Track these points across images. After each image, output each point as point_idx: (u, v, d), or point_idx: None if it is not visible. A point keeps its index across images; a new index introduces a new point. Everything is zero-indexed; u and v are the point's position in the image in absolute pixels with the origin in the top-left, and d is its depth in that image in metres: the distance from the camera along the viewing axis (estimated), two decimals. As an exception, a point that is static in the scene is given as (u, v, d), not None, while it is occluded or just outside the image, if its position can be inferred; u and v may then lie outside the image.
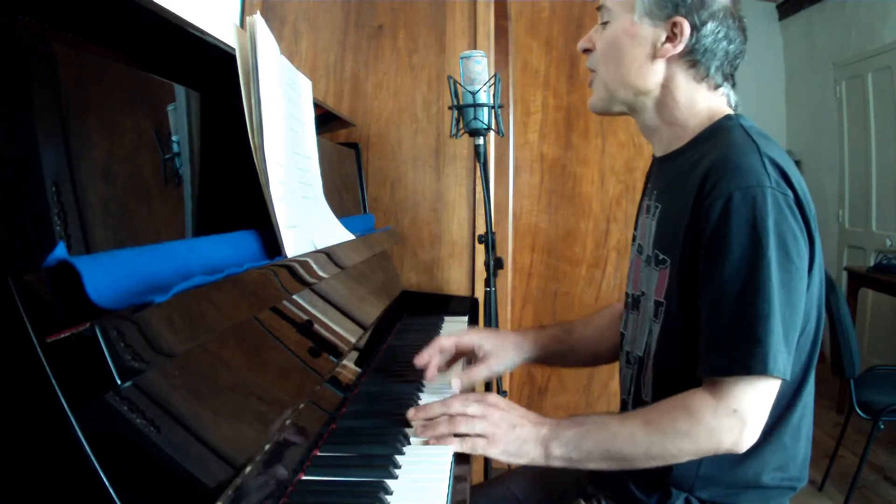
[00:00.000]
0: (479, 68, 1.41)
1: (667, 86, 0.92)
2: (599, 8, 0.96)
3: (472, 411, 0.84)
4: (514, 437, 0.84)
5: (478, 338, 1.08)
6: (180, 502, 0.51)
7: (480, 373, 1.04)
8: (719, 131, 0.89)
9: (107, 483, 0.42)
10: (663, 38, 0.90)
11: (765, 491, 0.89)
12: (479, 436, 0.83)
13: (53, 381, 0.42)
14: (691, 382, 0.83)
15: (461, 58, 1.42)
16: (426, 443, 0.83)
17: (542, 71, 2.32)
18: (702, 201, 0.82)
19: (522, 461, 0.84)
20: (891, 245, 3.41)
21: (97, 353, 0.43)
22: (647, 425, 0.82)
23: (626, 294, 1.07)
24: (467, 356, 1.09)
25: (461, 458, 0.83)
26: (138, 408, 0.50)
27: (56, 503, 0.43)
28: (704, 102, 0.93)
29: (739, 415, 0.79)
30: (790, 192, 0.81)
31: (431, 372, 1.04)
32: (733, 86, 0.95)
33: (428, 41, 1.88)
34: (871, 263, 3.19)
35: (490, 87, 1.43)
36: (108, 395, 0.47)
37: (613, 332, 1.19)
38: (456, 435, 0.84)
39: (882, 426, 2.14)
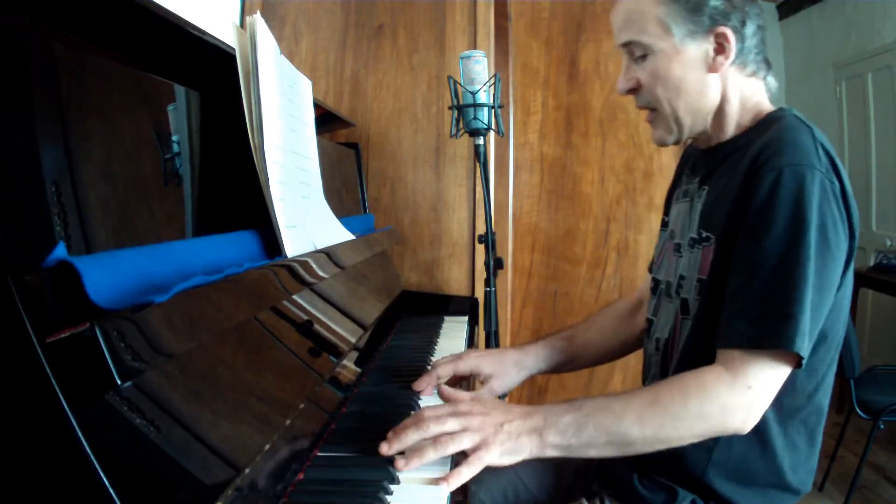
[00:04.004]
0: (479, 68, 1.41)
1: (725, 94, 0.92)
2: (626, 45, 0.92)
3: (450, 427, 0.77)
4: (505, 435, 0.78)
5: (475, 362, 1.06)
6: (180, 502, 0.51)
7: (484, 395, 1.01)
8: (771, 119, 0.89)
9: (107, 483, 0.42)
10: (712, 52, 0.89)
11: (770, 492, 0.89)
12: (473, 450, 0.76)
13: (53, 382, 0.42)
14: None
15: (461, 58, 1.42)
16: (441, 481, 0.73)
17: (542, 71, 2.32)
18: (752, 175, 0.82)
19: (523, 457, 0.79)
20: (891, 245, 3.40)
21: (97, 353, 0.43)
22: (654, 405, 0.78)
23: (655, 280, 1.06)
24: (466, 380, 1.06)
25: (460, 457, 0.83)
26: (138, 408, 0.50)
27: (56, 503, 0.43)
28: (752, 94, 0.93)
29: (753, 392, 0.77)
30: (837, 182, 0.81)
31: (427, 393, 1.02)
32: (770, 67, 0.95)
33: (428, 41, 1.88)
34: (871, 263, 3.19)
35: (490, 87, 1.43)
36: (108, 395, 0.47)
37: (618, 330, 1.19)
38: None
39: (882, 426, 2.14)
